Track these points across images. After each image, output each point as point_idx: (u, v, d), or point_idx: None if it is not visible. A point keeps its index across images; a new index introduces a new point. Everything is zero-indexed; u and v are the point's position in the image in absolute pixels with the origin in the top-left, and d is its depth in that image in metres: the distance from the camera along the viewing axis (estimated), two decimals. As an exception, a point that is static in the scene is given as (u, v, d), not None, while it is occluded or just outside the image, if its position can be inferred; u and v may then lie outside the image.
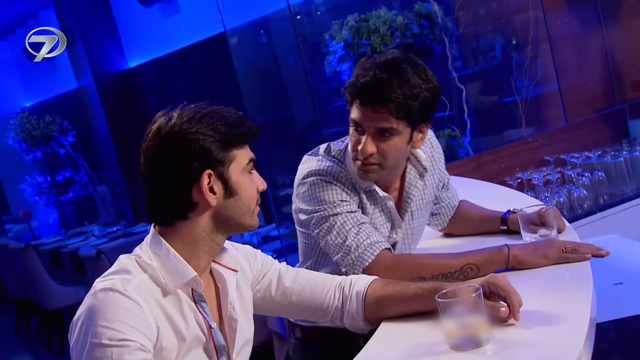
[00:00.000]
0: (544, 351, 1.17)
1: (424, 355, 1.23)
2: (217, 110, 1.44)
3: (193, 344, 1.40)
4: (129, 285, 1.35)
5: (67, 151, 7.83)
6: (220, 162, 1.41)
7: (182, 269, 1.41)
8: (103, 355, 1.27)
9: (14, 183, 8.54)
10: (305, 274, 1.66)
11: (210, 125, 1.40)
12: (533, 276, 1.67)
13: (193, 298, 1.43)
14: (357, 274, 1.70)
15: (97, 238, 6.22)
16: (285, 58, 5.56)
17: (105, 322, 1.29)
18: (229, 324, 1.51)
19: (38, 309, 5.90)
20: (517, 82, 4.04)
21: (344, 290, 1.62)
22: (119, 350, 1.27)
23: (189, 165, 1.39)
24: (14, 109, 8.03)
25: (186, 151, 1.39)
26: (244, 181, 1.44)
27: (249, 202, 1.45)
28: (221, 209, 1.42)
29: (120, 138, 7.17)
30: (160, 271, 1.40)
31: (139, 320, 1.31)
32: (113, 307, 1.31)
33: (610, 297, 1.93)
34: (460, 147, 3.86)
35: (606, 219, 3.17)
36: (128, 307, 1.31)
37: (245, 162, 1.44)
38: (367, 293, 1.59)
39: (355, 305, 1.60)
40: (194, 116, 1.42)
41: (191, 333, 1.40)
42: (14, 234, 7.99)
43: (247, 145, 1.46)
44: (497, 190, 2.81)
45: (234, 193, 1.43)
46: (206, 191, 1.39)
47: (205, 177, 1.39)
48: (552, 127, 3.97)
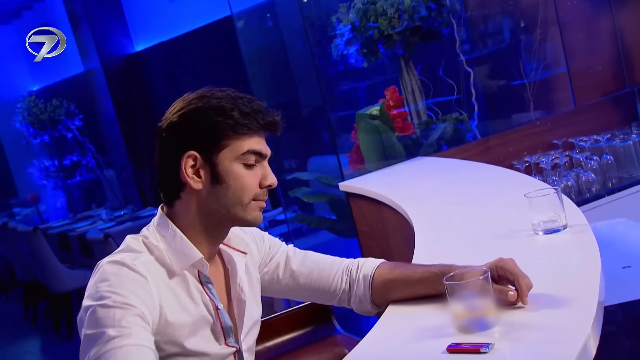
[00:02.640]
0: (551, 333, 1.17)
1: (431, 337, 1.23)
2: (234, 95, 1.42)
3: (200, 324, 1.41)
4: (137, 261, 1.36)
5: (74, 135, 7.85)
6: (210, 146, 1.39)
7: (187, 250, 1.41)
8: (106, 315, 1.26)
9: (22, 167, 8.57)
10: (313, 256, 1.66)
11: (214, 107, 1.39)
12: (541, 259, 1.67)
13: (199, 279, 1.43)
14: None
15: (104, 222, 6.24)
16: (292, 41, 5.53)
17: (110, 287, 1.29)
18: (237, 306, 1.51)
19: (46, 292, 5.94)
20: (525, 65, 4.01)
21: (351, 274, 1.63)
22: (121, 312, 1.26)
23: (177, 143, 1.40)
24: (21, 92, 8.03)
25: (180, 128, 1.40)
26: (235, 171, 1.40)
27: (239, 193, 1.41)
28: (208, 195, 1.41)
29: (127, 122, 7.17)
30: (167, 253, 1.40)
31: (143, 292, 1.31)
32: (119, 277, 1.31)
33: (618, 280, 1.92)
34: (467, 131, 3.84)
35: (614, 203, 3.15)
36: (134, 278, 1.32)
37: (241, 152, 1.40)
38: (374, 276, 1.60)
39: (362, 288, 1.60)
40: (205, 95, 1.42)
41: (198, 313, 1.40)
42: (22, 218, 8.03)
43: (253, 136, 1.41)
44: (504, 174, 2.80)
45: (220, 180, 1.40)
46: (185, 172, 1.39)
47: (186, 158, 1.39)
48: (561, 111, 3.94)
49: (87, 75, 7.39)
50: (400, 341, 1.19)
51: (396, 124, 3.62)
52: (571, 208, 1.92)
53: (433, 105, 3.95)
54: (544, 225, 1.78)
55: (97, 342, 1.23)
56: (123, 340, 1.23)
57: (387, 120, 3.58)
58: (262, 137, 1.44)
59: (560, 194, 1.78)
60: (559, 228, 1.76)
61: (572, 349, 1.13)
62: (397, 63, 3.88)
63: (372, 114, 3.61)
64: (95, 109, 7.45)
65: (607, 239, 2.22)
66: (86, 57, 7.33)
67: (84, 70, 7.46)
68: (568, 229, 1.77)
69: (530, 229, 1.80)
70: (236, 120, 1.39)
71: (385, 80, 4.08)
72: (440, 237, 2.09)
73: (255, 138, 1.42)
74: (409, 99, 3.87)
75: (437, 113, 3.93)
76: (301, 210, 5.03)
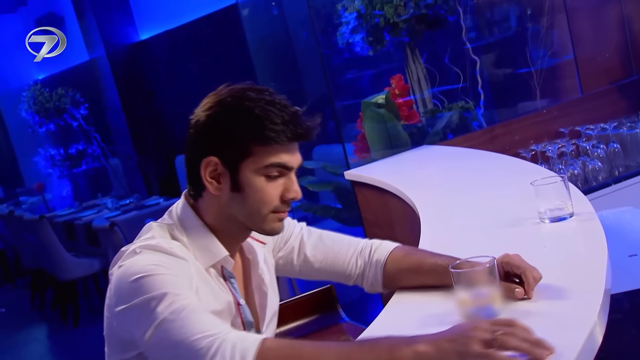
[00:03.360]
0: (558, 322, 1.16)
1: (436, 325, 1.23)
2: (269, 99, 1.33)
3: (222, 317, 1.38)
4: (173, 244, 1.34)
5: (80, 124, 7.86)
6: (232, 154, 1.33)
7: (213, 247, 1.39)
8: (162, 280, 1.23)
9: (28, 155, 8.59)
10: (326, 239, 1.64)
11: (243, 113, 1.32)
12: (547, 247, 1.66)
13: (222, 274, 1.42)
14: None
15: (110, 210, 6.25)
16: (297, 30, 5.52)
17: (155, 263, 1.27)
18: (259, 297, 1.51)
19: (53, 280, 5.96)
20: (532, 53, 3.99)
21: (364, 257, 1.63)
22: (175, 279, 1.24)
23: (201, 145, 1.36)
24: (26, 81, 8.03)
25: (205, 130, 1.35)
26: (256, 182, 1.34)
27: (258, 205, 1.36)
28: (228, 201, 1.37)
29: (132, 111, 7.17)
30: (191, 247, 1.38)
31: (184, 271, 1.29)
32: (160, 256, 1.29)
33: (624, 268, 1.91)
34: (473, 119, 3.82)
35: (621, 191, 3.14)
36: (173, 259, 1.30)
37: (264, 164, 1.33)
38: (386, 262, 1.60)
39: (374, 272, 1.61)
40: (238, 96, 1.35)
41: (220, 306, 1.39)
42: (28, 206, 8.05)
43: (281, 148, 1.33)
44: (510, 162, 2.79)
45: (239, 189, 1.35)
46: (205, 177, 1.35)
47: (207, 162, 1.34)
48: (567, 99, 3.92)
49: (92, 63, 7.39)
50: (406, 329, 1.19)
51: (402, 113, 3.60)
52: (578, 196, 1.91)
53: (439, 94, 3.94)
54: (550, 214, 1.77)
55: (161, 301, 1.20)
56: (188, 299, 1.21)
57: (393, 109, 3.57)
58: (291, 148, 1.36)
59: (567, 182, 1.78)
60: (565, 216, 1.76)
61: (578, 337, 1.12)
62: (403, 51, 3.86)
63: (378, 102, 3.60)
64: (101, 97, 7.45)
65: (614, 227, 2.21)
66: (91, 46, 7.33)
67: (89, 59, 7.46)
68: (574, 217, 1.76)
69: (536, 217, 1.79)
70: (264, 131, 1.31)
71: (390, 69, 4.06)
72: (445, 225, 2.09)
73: (283, 149, 1.34)
74: (415, 88, 3.86)
75: (442, 101, 3.92)
76: (306, 199, 5.04)
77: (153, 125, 7.27)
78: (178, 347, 1.17)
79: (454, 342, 1.09)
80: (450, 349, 1.09)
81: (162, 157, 7.30)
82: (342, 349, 1.14)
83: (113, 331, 1.35)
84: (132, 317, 1.24)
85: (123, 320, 1.27)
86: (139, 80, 7.19)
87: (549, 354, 1.07)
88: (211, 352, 1.13)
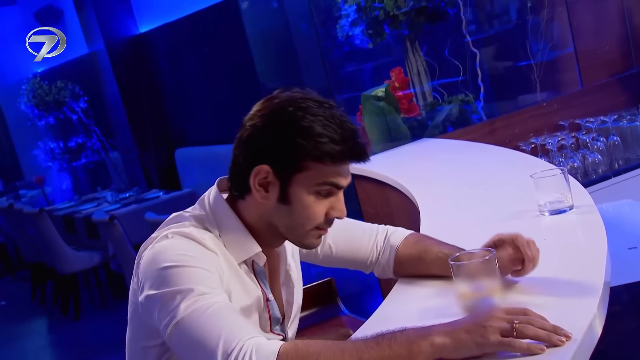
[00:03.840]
0: (558, 314, 1.17)
1: (435, 318, 1.23)
2: (328, 114, 1.30)
3: (249, 312, 1.38)
4: (205, 236, 1.33)
5: (79, 117, 7.85)
6: (286, 166, 1.30)
7: (247, 243, 1.37)
8: (192, 273, 1.22)
9: (27, 149, 8.58)
10: (348, 229, 1.63)
11: (303, 127, 1.28)
12: (547, 240, 1.66)
13: (253, 270, 1.40)
14: None
15: (109, 204, 6.25)
16: (296, 23, 5.51)
17: (182, 252, 1.26)
18: (285, 294, 1.51)
19: (53, 273, 5.97)
20: (532, 45, 3.98)
21: (379, 243, 1.64)
22: (205, 273, 1.23)
23: (254, 151, 1.33)
24: (25, 74, 8.02)
25: (261, 136, 1.32)
26: (305, 199, 1.32)
27: (303, 220, 1.34)
28: (272, 210, 1.35)
29: (132, 104, 7.16)
30: (224, 240, 1.36)
31: (215, 265, 1.28)
32: (193, 247, 1.28)
33: (624, 261, 1.92)
34: (473, 112, 3.82)
35: (621, 184, 3.14)
36: (205, 252, 1.29)
37: (317, 181, 1.31)
38: (398, 248, 1.61)
39: (387, 258, 1.62)
40: (300, 106, 1.31)
41: (250, 301, 1.38)
42: (28, 200, 8.05)
43: (336, 166, 1.31)
44: (510, 155, 2.79)
45: (287, 202, 1.32)
46: (254, 183, 1.33)
47: (258, 169, 1.32)
48: (568, 92, 3.92)
49: (92, 56, 7.38)
50: (405, 321, 1.19)
51: (402, 106, 3.60)
52: (577, 189, 1.91)
53: (439, 87, 3.94)
54: (550, 206, 1.77)
55: (186, 297, 1.19)
56: (214, 298, 1.20)
57: (393, 102, 3.57)
58: (345, 167, 1.34)
59: (567, 175, 1.78)
60: (565, 209, 1.76)
61: (578, 328, 1.13)
62: (403, 44, 3.85)
63: (378, 95, 3.59)
64: (100, 90, 7.45)
65: (613, 220, 2.21)
66: (90, 39, 7.31)
67: (88, 52, 7.45)
68: (574, 209, 1.76)
69: (536, 210, 1.80)
70: (322, 148, 1.28)
71: (390, 62, 4.06)
72: (445, 218, 2.09)
73: (338, 169, 1.32)
74: (415, 81, 3.86)
75: (442, 94, 3.91)
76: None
77: (153, 118, 7.27)
78: (196, 348, 1.16)
79: (472, 333, 1.10)
80: (469, 340, 1.09)
81: (162, 150, 7.30)
82: (359, 348, 1.12)
83: (138, 316, 1.35)
84: (158, 306, 1.23)
85: (148, 307, 1.26)
86: (138, 73, 7.18)
87: (568, 340, 1.09)
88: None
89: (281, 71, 5.86)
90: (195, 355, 1.17)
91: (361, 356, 1.11)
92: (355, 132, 1.33)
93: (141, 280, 1.28)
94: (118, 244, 5.10)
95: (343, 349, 1.13)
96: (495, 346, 1.09)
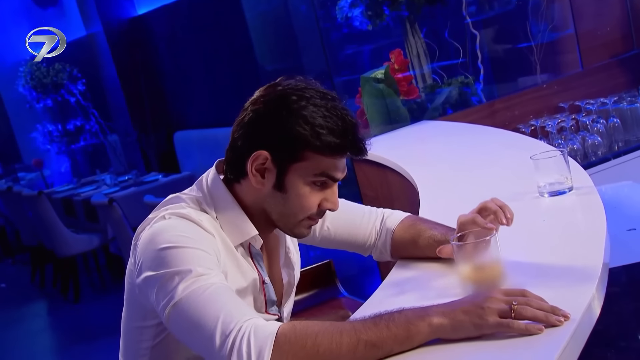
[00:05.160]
0: (557, 294, 1.17)
1: (436, 298, 1.23)
2: (330, 106, 1.31)
3: (245, 293, 1.39)
4: (203, 217, 1.33)
5: (77, 99, 7.82)
6: (285, 154, 1.31)
7: (244, 226, 1.37)
8: (190, 254, 1.23)
9: (26, 131, 8.55)
10: (346, 211, 1.62)
11: (306, 117, 1.29)
12: (547, 221, 1.66)
13: (250, 252, 1.41)
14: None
15: (108, 187, 6.25)
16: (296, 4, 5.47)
17: (180, 233, 1.26)
18: (287, 274, 1.51)
19: (52, 256, 5.98)
20: (532, 27, 3.96)
21: (377, 226, 1.64)
22: (203, 254, 1.24)
23: (254, 135, 1.33)
24: (23, 56, 7.97)
25: (262, 122, 1.32)
26: (300, 188, 1.33)
27: (296, 209, 1.35)
28: (266, 196, 1.35)
29: (130, 87, 7.13)
30: (221, 222, 1.36)
31: (212, 247, 1.29)
32: (190, 229, 1.29)
33: (622, 242, 1.92)
34: (473, 94, 3.81)
35: (620, 166, 3.14)
36: (202, 233, 1.30)
37: (314, 172, 1.32)
38: (394, 231, 1.61)
39: (384, 240, 1.63)
40: (303, 95, 1.31)
41: (246, 282, 1.39)
42: (27, 182, 8.04)
43: (334, 158, 1.32)
44: (510, 137, 2.78)
45: (282, 189, 1.33)
46: (251, 168, 1.33)
47: (257, 155, 1.32)
48: (568, 73, 3.90)
49: (90, 38, 7.34)
50: (405, 302, 1.19)
51: (401, 88, 3.59)
52: (577, 170, 1.91)
53: (438, 69, 3.92)
54: (549, 188, 1.77)
55: (185, 278, 1.19)
56: (212, 279, 1.20)
57: (392, 84, 3.55)
58: (342, 159, 1.35)
59: (566, 156, 1.77)
60: (564, 190, 1.76)
61: (577, 309, 1.13)
62: (403, 26, 3.83)
63: (377, 77, 3.58)
64: (99, 73, 7.41)
65: (613, 201, 2.21)
66: (88, 21, 7.27)
67: (86, 34, 7.41)
68: (574, 190, 1.76)
69: (535, 192, 1.79)
70: (323, 139, 1.29)
71: (390, 44, 4.04)
72: (445, 200, 2.09)
73: (335, 161, 1.33)
74: (414, 63, 3.84)
75: (442, 76, 3.90)
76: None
77: (152, 101, 7.24)
78: (195, 329, 1.17)
79: (470, 314, 1.10)
80: (467, 321, 1.10)
81: (161, 133, 7.28)
82: (358, 329, 1.12)
83: (135, 297, 1.35)
84: (155, 287, 1.23)
85: (146, 288, 1.26)
86: (137, 55, 7.14)
87: (566, 320, 1.10)
88: (226, 347, 1.11)
89: (280, 53, 5.84)
90: (193, 336, 1.17)
91: (359, 337, 1.11)
92: (355, 126, 1.34)
93: (139, 261, 1.28)
94: (117, 227, 5.10)
95: (341, 330, 1.12)
96: (493, 327, 1.09)
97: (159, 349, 1.38)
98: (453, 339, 1.11)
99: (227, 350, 1.11)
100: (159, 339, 1.37)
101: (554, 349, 1.04)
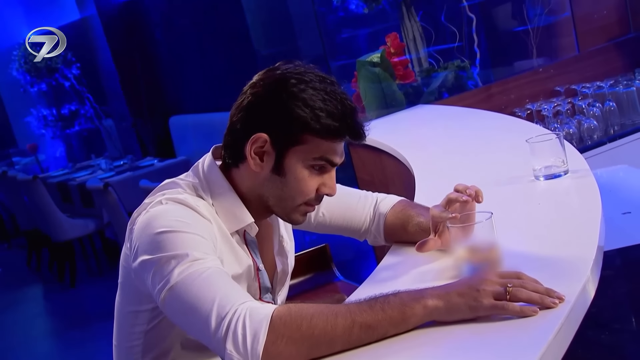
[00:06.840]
0: (552, 276, 1.17)
1: (432, 281, 1.24)
2: (329, 90, 1.31)
3: (239, 280, 1.38)
4: (200, 203, 1.33)
5: (72, 84, 7.78)
6: (284, 137, 1.30)
7: (239, 213, 1.37)
8: (186, 239, 1.22)
9: (20, 116, 8.52)
10: (341, 196, 1.60)
11: (305, 100, 1.29)
12: (542, 204, 1.66)
13: (245, 240, 1.41)
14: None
15: (104, 171, 6.24)
16: (291, -13, 5.44)
17: (177, 218, 1.26)
18: (277, 263, 1.51)
19: (48, 241, 5.98)
20: (528, 10, 3.95)
21: (370, 211, 1.64)
22: (199, 239, 1.23)
23: (253, 118, 1.32)
24: (16, 40, 7.92)
25: (261, 105, 1.32)
26: (299, 172, 1.33)
27: (294, 193, 1.34)
28: (264, 180, 1.35)
29: (126, 71, 7.10)
30: (216, 208, 1.36)
31: (208, 232, 1.28)
32: (187, 214, 1.28)
33: (618, 226, 1.93)
34: (469, 78, 3.80)
35: (616, 150, 3.14)
36: (199, 219, 1.29)
37: (313, 155, 1.32)
38: (387, 216, 1.61)
39: (377, 225, 1.63)
40: (303, 79, 1.31)
41: (241, 269, 1.38)
42: (22, 167, 8.03)
43: (333, 142, 1.32)
44: (506, 121, 2.78)
45: (280, 173, 1.33)
46: (250, 151, 1.32)
47: (256, 138, 1.31)
48: (564, 57, 3.90)
49: (84, 22, 7.29)
50: (401, 284, 1.19)
51: (397, 72, 3.58)
52: (573, 153, 1.91)
53: (434, 53, 3.91)
54: (545, 171, 1.77)
55: (181, 262, 1.19)
56: (208, 263, 1.20)
57: (388, 68, 3.54)
58: (341, 143, 1.35)
59: (562, 139, 1.77)
60: (560, 173, 1.76)
61: (571, 292, 1.13)
62: (399, 9, 3.81)
63: (373, 61, 3.57)
64: (93, 57, 7.37)
65: (608, 185, 2.22)
66: (82, 4, 7.22)
67: (80, 17, 7.36)
68: (569, 174, 1.76)
69: (531, 175, 1.79)
70: (322, 123, 1.29)
71: (386, 28, 4.02)
72: (440, 184, 2.07)
73: (334, 145, 1.33)
74: (410, 46, 3.83)
75: (438, 60, 3.89)
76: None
77: (147, 85, 7.21)
78: (190, 313, 1.17)
79: (465, 296, 1.10)
80: (462, 303, 1.10)
81: (156, 118, 7.26)
82: (353, 311, 1.12)
83: (130, 281, 1.35)
84: (152, 271, 1.22)
85: (142, 272, 1.26)
86: (132, 39, 7.10)
87: (561, 302, 1.10)
88: (222, 330, 1.11)
89: (276, 37, 5.81)
90: (189, 319, 1.17)
91: (354, 319, 1.11)
92: (354, 110, 1.34)
93: (135, 246, 1.28)
94: (113, 212, 5.10)
95: (336, 312, 1.13)
96: (488, 309, 1.10)
97: (152, 333, 1.38)
98: (448, 321, 1.11)
99: (222, 333, 1.11)
100: (153, 324, 1.37)
101: (548, 330, 1.04)
